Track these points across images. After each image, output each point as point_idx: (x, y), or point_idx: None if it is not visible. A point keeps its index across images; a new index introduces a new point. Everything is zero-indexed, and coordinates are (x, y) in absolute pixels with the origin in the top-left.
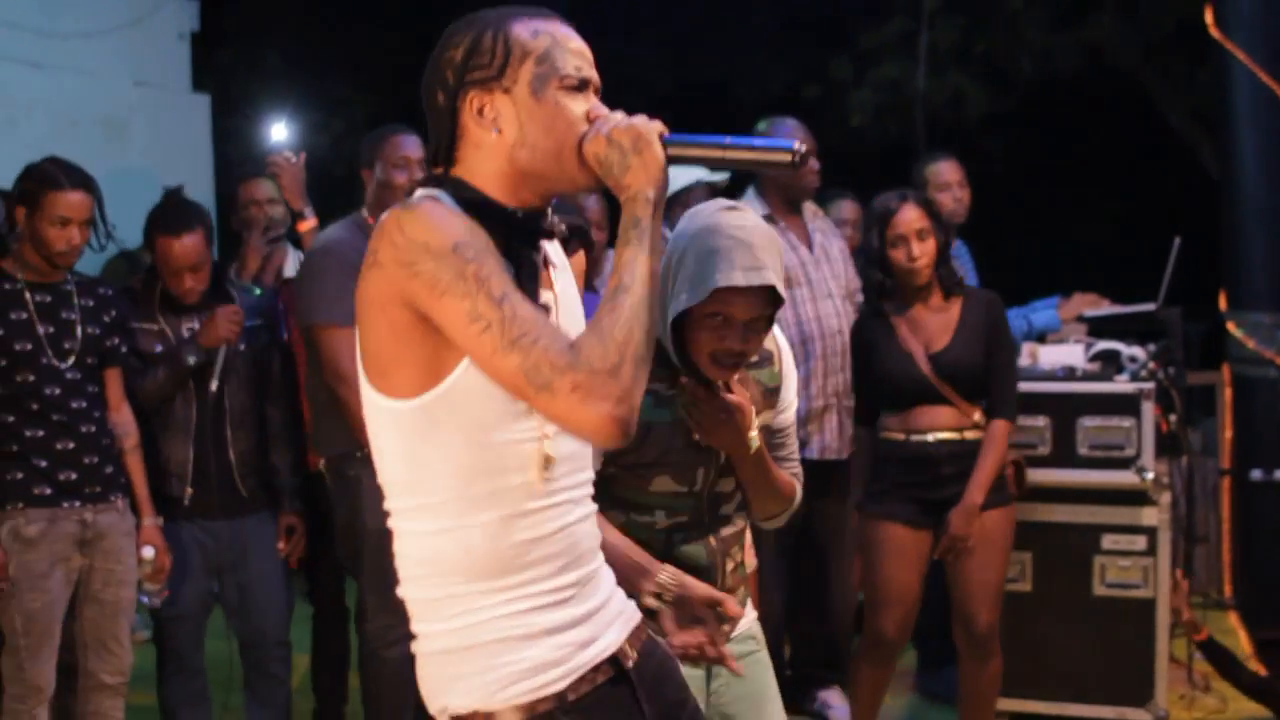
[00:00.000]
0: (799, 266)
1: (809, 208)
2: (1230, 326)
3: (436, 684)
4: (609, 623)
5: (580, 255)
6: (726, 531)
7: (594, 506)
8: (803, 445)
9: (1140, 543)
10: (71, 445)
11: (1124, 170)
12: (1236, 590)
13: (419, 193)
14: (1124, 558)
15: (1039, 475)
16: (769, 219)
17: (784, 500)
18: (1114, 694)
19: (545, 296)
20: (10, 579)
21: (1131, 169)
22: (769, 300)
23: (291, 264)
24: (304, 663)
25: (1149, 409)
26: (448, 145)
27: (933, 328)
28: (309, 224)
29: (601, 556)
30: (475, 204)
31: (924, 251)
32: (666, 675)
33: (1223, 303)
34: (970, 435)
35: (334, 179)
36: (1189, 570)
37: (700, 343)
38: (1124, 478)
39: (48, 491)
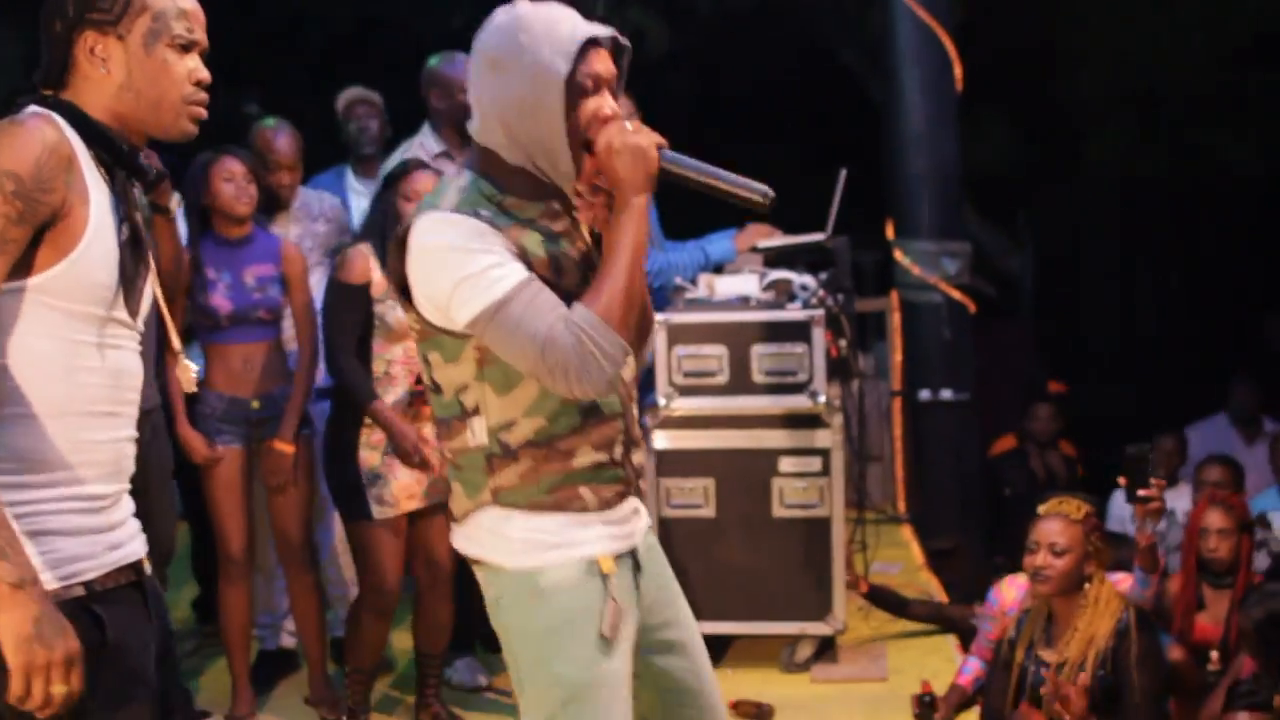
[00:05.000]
0: None
1: None
2: (897, 254)
3: None
4: (133, 536)
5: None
6: (628, 375)
7: (135, 433)
8: None
9: (815, 464)
10: None
11: (798, 105)
12: (909, 505)
13: (31, 109)
14: (800, 479)
15: (718, 404)
16: (445, 155)
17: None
18: (796, 610)
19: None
20: None
21: (804, 104)
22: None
23: None
24: None
25: (819, 335)
26: (58, 72)
27: None
28: None
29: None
30: (88, 129)
31: None
32: (160, 597)
33: (890, 231)
34: None
35: None
36: (861, 488)
37: (583, 120)
38: (798, 402)
39: None
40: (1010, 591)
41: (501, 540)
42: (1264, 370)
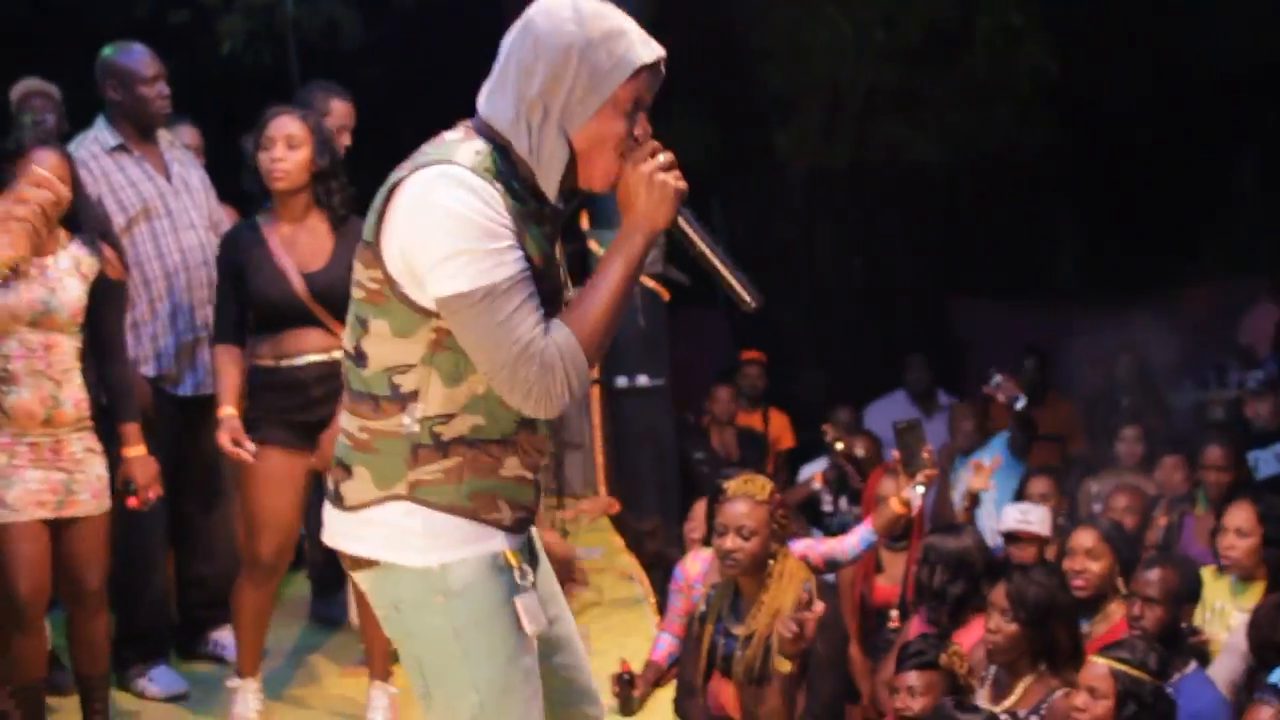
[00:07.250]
0: (158, 197)
1: (164, 136)
2: (592, 245)
3: None
4: None
5: None
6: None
7: None
8: (175, 383)
9: None
10: None
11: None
12: (609, 490)
13: None
14: None
15: None
16: (122, 148)
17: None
18: None
19: None
20: None
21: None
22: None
23: None
24: None
25: None
26: None
27: (309, 247)
28: None
29: None
30: None
31: (291, 159)
32: None
33: (585, 222)
34: (339, 355)
35: None
36: (560, 475)
37: (607, 138)
38: None
39: None
40: (695, 565)
41: (402, 535)
42: (944, 349)
